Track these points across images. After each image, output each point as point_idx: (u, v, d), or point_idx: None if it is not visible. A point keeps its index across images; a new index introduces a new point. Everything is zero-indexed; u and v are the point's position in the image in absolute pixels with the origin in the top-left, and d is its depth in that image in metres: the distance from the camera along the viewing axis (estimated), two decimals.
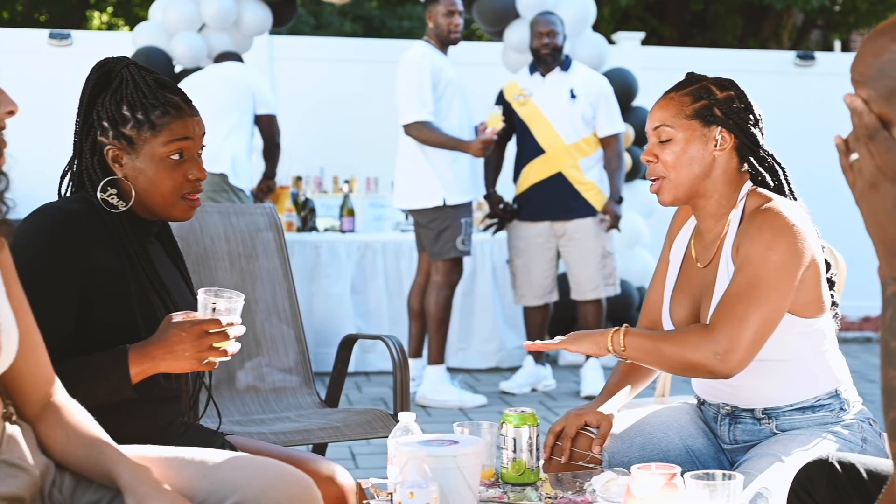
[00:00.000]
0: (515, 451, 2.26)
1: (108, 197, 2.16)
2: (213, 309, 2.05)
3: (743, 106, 2.40)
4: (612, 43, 8.59)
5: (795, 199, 2.44)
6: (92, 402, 1.87)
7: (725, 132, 2.38)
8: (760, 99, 2.50)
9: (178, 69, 6.77)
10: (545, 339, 4.57)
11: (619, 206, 5.88)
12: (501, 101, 5.95)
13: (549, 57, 5.86)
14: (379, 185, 7.43)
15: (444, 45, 5.74)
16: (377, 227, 7.07)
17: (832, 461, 1.90)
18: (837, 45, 15.01)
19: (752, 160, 2.42)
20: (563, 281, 6.13)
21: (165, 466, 1.79)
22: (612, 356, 2.38)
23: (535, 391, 6.01)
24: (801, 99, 8.86)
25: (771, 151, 2.45)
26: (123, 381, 2.03)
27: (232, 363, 3.21)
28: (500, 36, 6.97)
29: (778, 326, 2.26)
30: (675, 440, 2.46)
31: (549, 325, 6.04)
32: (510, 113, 5.85)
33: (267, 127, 6.27)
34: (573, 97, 5.83)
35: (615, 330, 2.36)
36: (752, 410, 2.41)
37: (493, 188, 6.02)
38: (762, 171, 2.42)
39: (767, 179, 2.42)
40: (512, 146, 6.02)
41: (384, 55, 8.27)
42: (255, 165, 6.39)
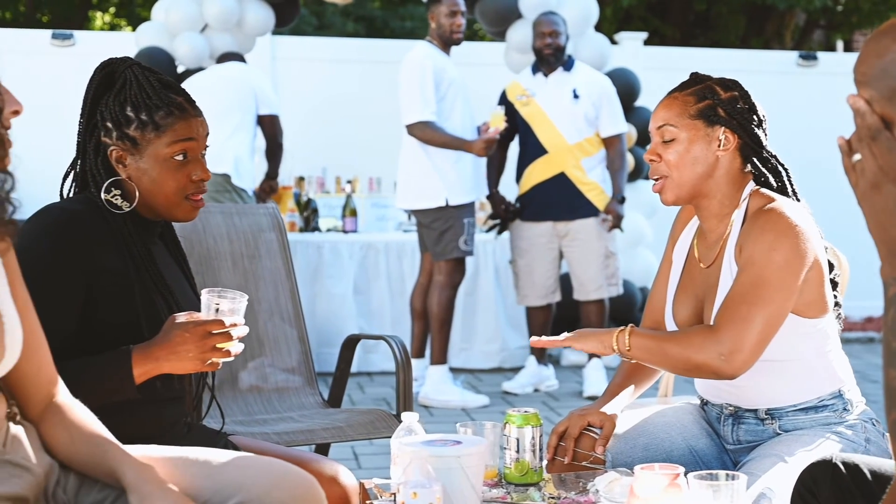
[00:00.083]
0: (519, 451, 2.26)
1: (111, 197, 2.16)
2: (216, 309, 2.05)
3: (747, 106, 2.40)
4: (614, 43, 8.59)
5: (798, 199, 2.43)
6: (95, 402, 1.87)
7: (729, 132, 2.38)
8: (763, 99, 2.50)
9: (180, 69, 6.77)
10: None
11: (621, 206, 5.87)
12: (504, 101, 5.94)
13: (551, 57, 5.86)
14: (381, 185, 7.44)
15: (446, 45, 5.74)
16: (380, 227, 7.08)
17: (836, 462, 1.90)
18: (840, 45, 14.99)
19: (755, 161, 2.41)
20: (565, 281, 6.13)
21: (169, 466, 1.79)
22: (615, 356, 2.38)
23: (537, 391, 6.00)
24: (803, 99, 8.86)
25: (774, 152, 2.45)
26: (127, 381, 2.03)
27: (235, 363, 3.22)
28: (502, 36, 6.97)
29: (781, 327, 2.26)
30: (678, 441, 2.45)
31: (551, 325, 6.02)
32: (513, 113, 5.85)
33: (269, 127, 6.27)
34: (576, 97, 5.83)
35: (621, 329, 2.36)
36: (755, 411, 2.41)
37: (495, 188, 6.02)
38: (765, 171, 2.42)
39: (770, 180, 2.42)
40: (514, 146, 6.02)
41: (387, 55, 8.27)
42: (257, 166, 6.39)
